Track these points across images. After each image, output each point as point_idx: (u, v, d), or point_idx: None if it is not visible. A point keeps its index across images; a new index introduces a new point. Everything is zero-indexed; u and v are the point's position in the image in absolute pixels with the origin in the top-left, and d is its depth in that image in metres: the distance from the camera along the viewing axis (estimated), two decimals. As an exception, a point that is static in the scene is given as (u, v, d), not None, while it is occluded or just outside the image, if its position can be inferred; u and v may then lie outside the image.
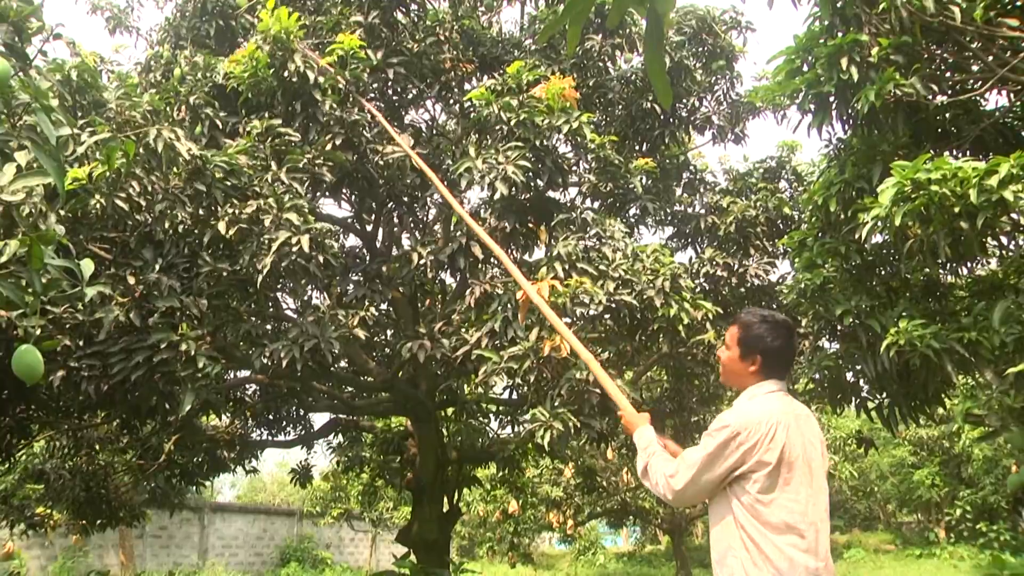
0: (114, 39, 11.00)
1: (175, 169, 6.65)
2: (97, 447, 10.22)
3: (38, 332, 4.82)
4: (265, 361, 7.11)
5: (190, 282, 6.65)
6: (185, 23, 9.56)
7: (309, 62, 7.55)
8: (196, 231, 6.83)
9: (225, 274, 6.78)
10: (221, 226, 6.59)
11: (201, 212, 6.85)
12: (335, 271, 7.18)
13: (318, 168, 7.41)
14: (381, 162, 8.22)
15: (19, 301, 3.28)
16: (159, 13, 11.24)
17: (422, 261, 7.90)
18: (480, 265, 8.09)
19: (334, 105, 7.73)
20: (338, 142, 7.70)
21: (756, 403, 2.90)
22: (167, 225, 6.59)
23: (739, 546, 2.71)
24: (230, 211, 6.66)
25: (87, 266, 3.50)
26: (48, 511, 11.23)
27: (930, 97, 5.80)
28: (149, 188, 6.43)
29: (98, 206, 6.09)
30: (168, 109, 7.45)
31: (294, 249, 6.53)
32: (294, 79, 7.51)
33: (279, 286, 8.21)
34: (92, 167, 5.92)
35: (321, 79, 7.62)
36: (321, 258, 6.75)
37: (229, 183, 6.84)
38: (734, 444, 2.74)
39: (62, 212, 5.89)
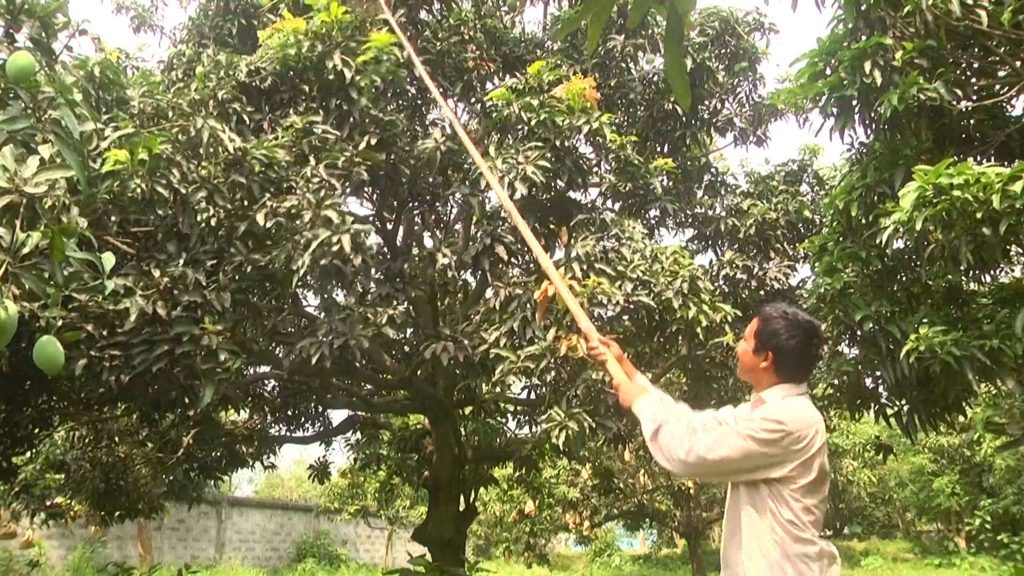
0: (138, 37, 11.14)
1: (214, 160, 6.68)
2: (117, 439, 10.30)
3: (59, 323, 4.87)
4: (293, 358, 7.11)
5: (215, 275, 6.67)
6: (208, 22, 9.64)
7: (347, 61, 7.54)
8: (227, 223, 6.84)
9: (251, 269, 6.78)
10: (260, 217, 6.56)
11: (236, 205, 6.86)
12: (368, 270, 7.13)
13: (356, 167, 7.39)
14: (411, 159, 8.20)
15: (41, 292, 3.32)
16: (182, 12, 11.34)
17: (446, 260, 7.91)
18: (502, 266, 8.09)
19: (369, 104, 7.73)
20: (373, 141, 7.69)
21: (799, 404, 2.80)
22: (198, 218, 6.61)
23: (774, 548, 2.65)
24: (269, 204, 6.65)
25: (108, 259, 3.54)
26: (68, 502, 11.33)
27: (954, 102, 5.75)
28: (189, 177, 6.46)
29: (139, 190, 6.12)
30: (188, 106, 7.50)
31: (334, 248, 6.44)
32: (331, 76, 7.53)
33: (305, 283, 8.22)
34: (132, 151, 5.93)
35: (359, 78, 7.62)
36: (359, 259, 6.63)
37: (266, 176, 6.85)
38: (783, 443, 2.66)
39: (99, 191, 5.94)
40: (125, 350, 6.18)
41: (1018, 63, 5.68)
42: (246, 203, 6.87)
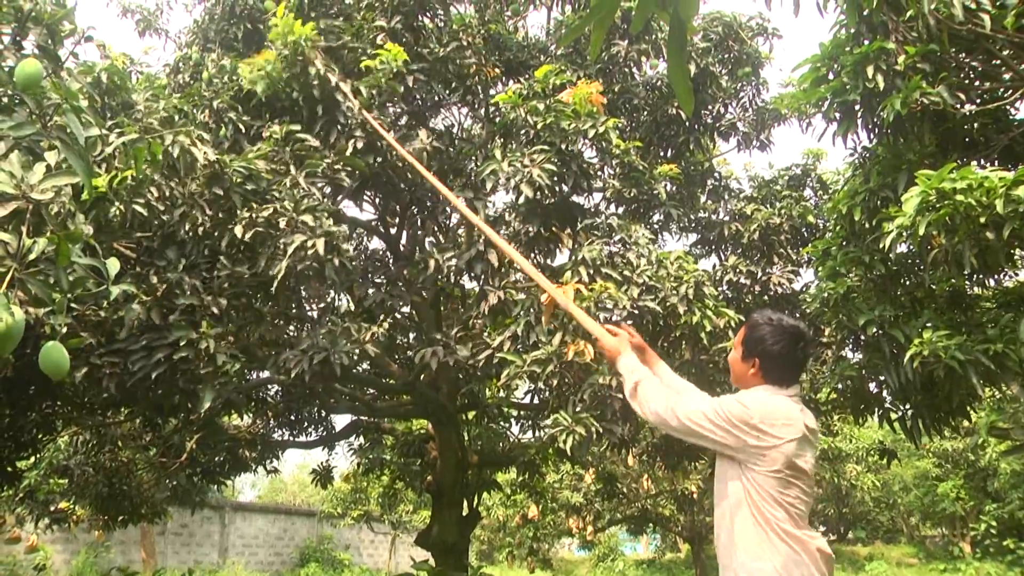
0: (143, 41, 11.19)
1: (193, 174, 6.68)
2: (120, 444, 10.32)
3: (64, 330, 4.88)
4: (280, 365, 7.13)
5: (211, 282, 6.68)
6: (213, 26, 9.66)
7: (330, 66, 7.55)
8: (215, 234, 6.85)
9: (244, 276, 6.80)
10: (238, 230, 6.58)
11: (220, 215, 6.87)
12: (353, 274, 7.14)
13: (336, 173, 7.40)
14: (400, 164, 8.21)
15: (47, 298, 3.33)
16: (188, 16, 11.34)
17: (443, 265, 7.91)
18: (501, 270, 8.08)
19: (363, 106, 7.73)
20: (359, 146, 7.69)
21: (776, 401, 2.83)
22: (188, 227, 6.62)
23: (761, 541, 2.69)
24: (247, 215, 6.67)
25: (113, 265, 3.55)
26: (72, 506, 11.35)
27: (957, 106, 5.74)
28: (168, 193, 6.47)
29: (118, 213, 6.13)
30: (192, 112, 7.51)
31: (309, 252, 6.49)
32: (315, 83, 7.53)
33: (299, 288, 8.22)
34: (111, 176, 5.94)
35: (343, 85, 7.62)
36: (336, 261, 6.69)
37: (248, 187, 6.85)
38: (741, 428, 2.73)
39: (87, 218, 5.95)
40: (124, 357, 6.20)
41: (1021, 66, 5.67)
42: (232, 212, 6.88)
